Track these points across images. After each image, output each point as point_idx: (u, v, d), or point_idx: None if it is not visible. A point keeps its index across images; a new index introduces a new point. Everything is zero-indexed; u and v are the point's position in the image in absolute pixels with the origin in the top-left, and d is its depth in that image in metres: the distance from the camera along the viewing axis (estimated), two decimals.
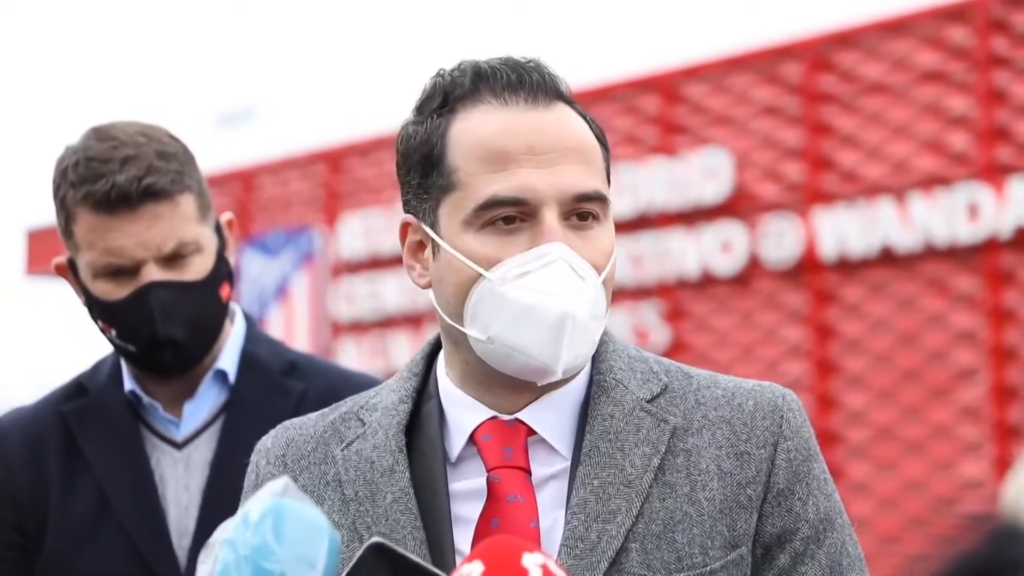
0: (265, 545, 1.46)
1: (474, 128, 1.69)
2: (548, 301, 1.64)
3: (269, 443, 1.83)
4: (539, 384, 1.69)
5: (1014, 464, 7.61)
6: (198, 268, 2.35)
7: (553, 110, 1.70)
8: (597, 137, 1.74)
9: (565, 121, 1.70)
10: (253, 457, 1.84)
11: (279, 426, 1.85)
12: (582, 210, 1.68)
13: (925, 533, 7.86)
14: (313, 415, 1.85)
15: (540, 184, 1.66)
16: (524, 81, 1.70)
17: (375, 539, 1.49)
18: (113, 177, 2.28)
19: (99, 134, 2.34)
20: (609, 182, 1.75)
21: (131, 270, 2.31)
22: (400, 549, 1.48)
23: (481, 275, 1.67)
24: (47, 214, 13.78)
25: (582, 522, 1.67)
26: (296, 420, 1.85)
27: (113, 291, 2.33)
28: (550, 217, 1.66)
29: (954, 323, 7.96)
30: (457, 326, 1.70)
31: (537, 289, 1.64)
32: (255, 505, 1.50)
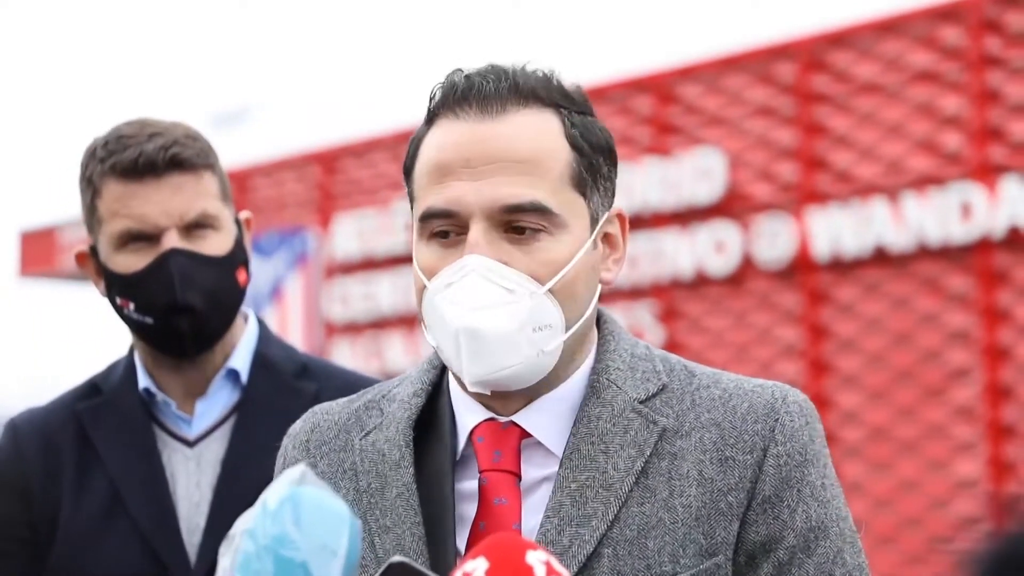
0: (285, 534, 1.44)
1: (430, 142, 1.71)
2: (452, 313, 1.65)
3: (298, 427, 1.85)
4: (488, 394, 1.70)
5: (1009, 462, 7.63)
6: (218, 245, 2.40)
7: (504, 120, 1.69)
8: (574, 145, 1.71)
9: (511, 131, 1.68)
10: (284, 440, 1.86)
11: (310, 410, 1.87)
12: (517, 222, 1.66)
13: (919, 533, 7.88)
14: (343, 400, 1.86)
15: (469, 196, 1.66)
16: (473, 91, 1.69)
17: (397, 558, 1.48)
18: (141, 147, 2.36)
19: (129, 121, 2.43)
20: (594, 189, 1.71)
21: (152, 238, 2.36)
22: (422, 568, 1.48)
23: (425, 285, 1.69)
24: (40, 216, 13.79)
25: (555, 526, 1.66)
26: (325, 405, 1.86)
27: (133, 263, 2.37)
28: (475, 229, 1.66)
29: (947, 323, 7.97)
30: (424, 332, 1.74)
31: (453, 301, 1.65)
32: (273, 493, 1.48)
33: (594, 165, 1.72)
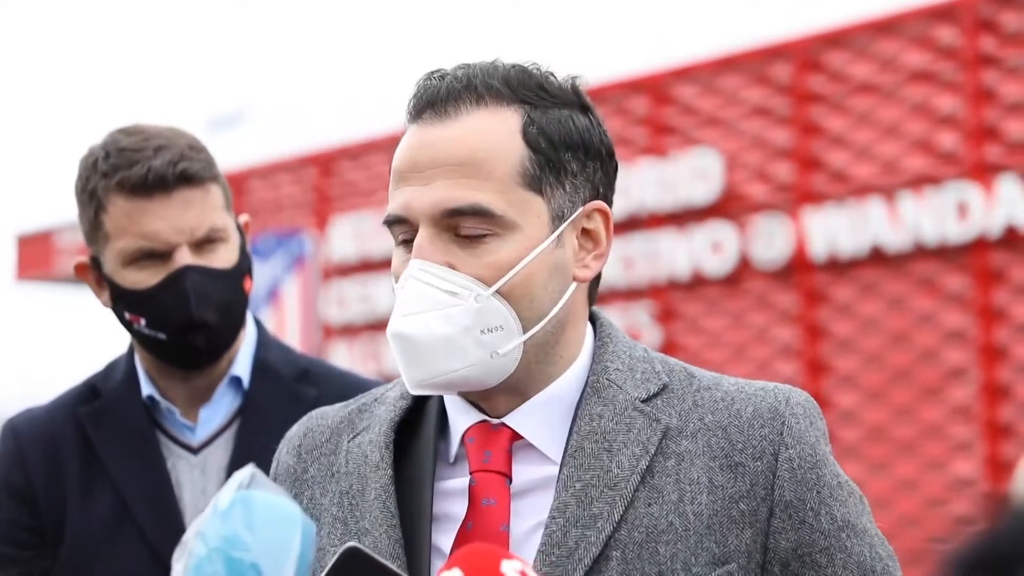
0: (235, 535, 1.44)
1: (397, 148, 1.71)
2: (391, 320, 1.65)
3: (293, 431, 1.85)
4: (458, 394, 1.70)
5: (1006, 461, 7.63)
6: (226, 257, 2.39)
7: (455, 122, 1.66)
8: (530, 142, 1.66)
9: (456, 133, 1.66)
10: (280, 445, 1.86)
11: (307, 415, 1.87)
12: (460, 226, 1.64)
13: (917, 532, 7.88)
14: (339, 404, 1.86)
15: (414, 202, 1.65)
16: (428, 95, 1.68)
17: (350, 544, 1.47)
18: (149, 162, 2.33)
19: (125, 130, 2.39)
20: (557, 186, 1.67)
21: (163, 255, 2.35)
22: (374, 554, 1.47)
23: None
24: (37, 220, 13.78)
25: (560, 527, 1.64)
26: (321, 409, 1.86)
27: (144, 279, 2.35)
28: (420, 234, 1.65)
29: (944, 322, 7.98)
30: None
31: (396, 307, 1.66)
32: (224, 495, 1.48)
33: (555, 161, 1.67)
